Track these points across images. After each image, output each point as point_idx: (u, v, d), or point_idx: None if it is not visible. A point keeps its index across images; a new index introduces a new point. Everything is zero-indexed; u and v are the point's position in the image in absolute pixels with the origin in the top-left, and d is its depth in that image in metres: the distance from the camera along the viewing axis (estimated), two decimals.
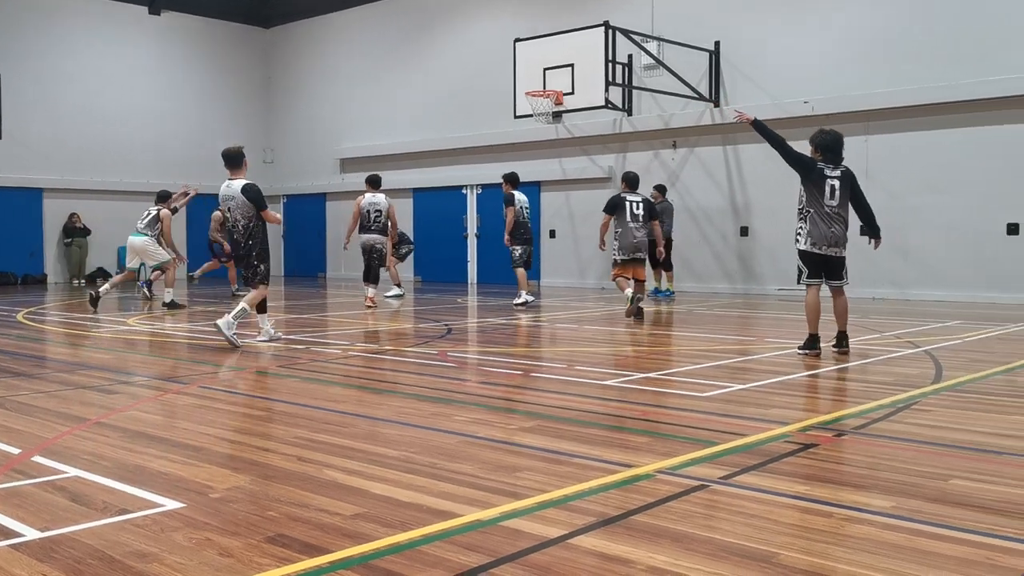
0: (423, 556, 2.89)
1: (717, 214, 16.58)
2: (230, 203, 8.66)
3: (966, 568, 2.75)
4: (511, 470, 3.94)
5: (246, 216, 8.62)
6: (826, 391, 6.35)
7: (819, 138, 7.76)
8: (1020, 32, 13.33)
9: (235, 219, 8.66)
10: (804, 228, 7.63)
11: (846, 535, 3.09)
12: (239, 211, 8.61)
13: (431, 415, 5.28)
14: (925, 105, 14.13)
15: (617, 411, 5.46)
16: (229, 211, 8.68)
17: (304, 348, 8.50)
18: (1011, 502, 3.43)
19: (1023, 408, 5.38)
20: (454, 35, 20.77)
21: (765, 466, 3.99)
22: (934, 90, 13.98)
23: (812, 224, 7.58)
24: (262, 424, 5.11)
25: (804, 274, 7.71)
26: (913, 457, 4.17)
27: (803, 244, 7.65)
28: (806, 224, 7.62)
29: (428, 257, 21.04)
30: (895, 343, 8.62)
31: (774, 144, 7.77)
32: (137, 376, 6.83)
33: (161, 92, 23.23)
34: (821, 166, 7.61)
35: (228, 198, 8.67)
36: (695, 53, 16.27)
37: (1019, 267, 13.44)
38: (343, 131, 23.17)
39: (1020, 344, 8.53)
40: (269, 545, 3.00)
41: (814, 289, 7.68)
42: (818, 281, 7.69)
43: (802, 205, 7.65)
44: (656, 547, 2.95)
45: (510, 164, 19.57)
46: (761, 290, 15.93)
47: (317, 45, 24.13)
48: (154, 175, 22.89)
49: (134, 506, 3.45)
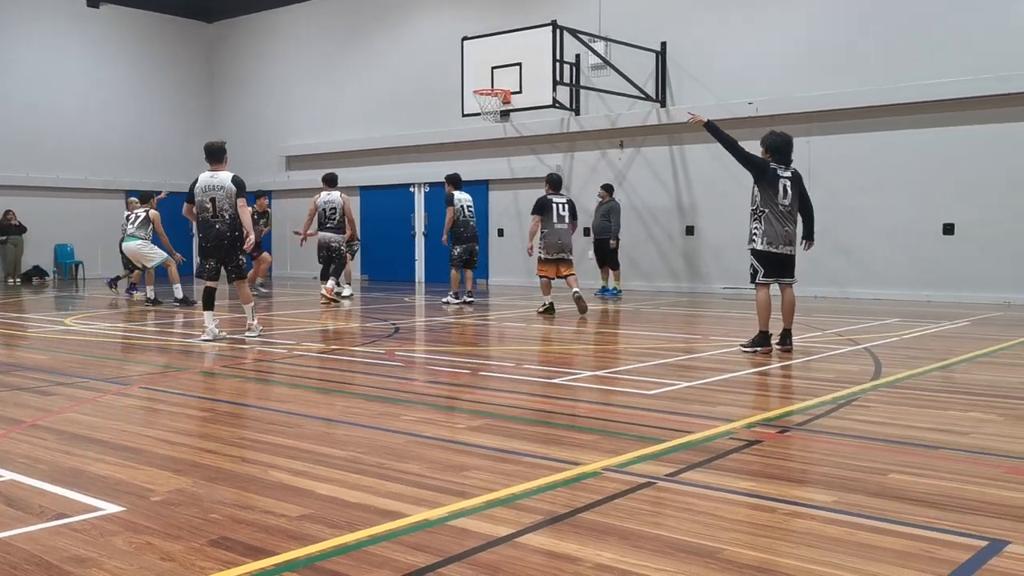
0: (370, 557, 2.87)
1: (663, 213, 16.74)
2: (216, 193, 8.60)
3: (905, 560, 2.82)
4: (459, 469, 3.93)
5: (232, 206, 8.64)
6: (770, 388, 6.44)
7: (770, 139, 7.88)
8: (957, 38, 13.70)
9: (220, 209, 8.61)
10: (759, 228, 7.69)
11: (789, 530, 3.14)
12: (227, 201, 8.61)
13: (378, 415, 5.24)
14: (865, 108, 14.45)
15: (564, 409, 5.48)
16: (212, 202, 8.60)
17: (249, 347, 8.38)
18: (947, 495, 3.52)
19: (959, 403, 5.53)
20: (402, 33, 20.65)
21: (711, 463, 4.04)
22: (874, 93, 14.30)
23: (767, 224, 7.66)
24: (205, 425, 5.02)
25: (760, 273, 7.77)
26: (854, 452, 4.25)
27: (759, 244, 7.71)
28: (761, 224, 7.69)
29: (375, 256, 20.92)
30: (837, 341, 8.79)
31: (727, 146, 7.81)
32: (75, 377, 6.67)
33: (100, 87, 22.73)
34: (774, 166, 7.74)
35: (214, 188, 8.62)
36: (642, 53, 16.41)
37: (954, 266, 13.81)
38: (289, 128, 22.90)
39: (956, 341, 8.76)
40: (212, 548, 2.95)
41: (767, 288, 7.81)
42: (772, 280, 7.78)
43: (756, 205, 7.72)
44: (603, 544, 2.97)
45: (458, 163, 19.55)
46: (706, 288, 16.13)
47: (262, 41, 23.81)
48: (91, 172, 22.39)
49: (72, 510, 3.37)
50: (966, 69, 13.54)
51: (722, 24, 15.99)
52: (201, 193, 8.68)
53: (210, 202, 8.62)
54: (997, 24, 13.37)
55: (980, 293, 13.52)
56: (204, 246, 8.81)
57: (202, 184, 8.71)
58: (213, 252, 8.76)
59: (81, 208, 22.31)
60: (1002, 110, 13.37)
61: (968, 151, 13.65)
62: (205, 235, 8.74)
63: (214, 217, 8.65)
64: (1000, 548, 2.92)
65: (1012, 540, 2.99)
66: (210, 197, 8.63)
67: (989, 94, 13.33)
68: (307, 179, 21.96)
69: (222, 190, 8.62)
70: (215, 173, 8.73)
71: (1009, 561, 2.81)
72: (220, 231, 8.67)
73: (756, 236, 7.73)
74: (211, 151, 8.88)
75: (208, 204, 8.63)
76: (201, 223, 8.75)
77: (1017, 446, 4.38)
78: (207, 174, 8.77)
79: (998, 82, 13.22)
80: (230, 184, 8.65)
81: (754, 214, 7.74)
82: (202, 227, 8.75)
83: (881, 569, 2.74)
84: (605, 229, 15.12)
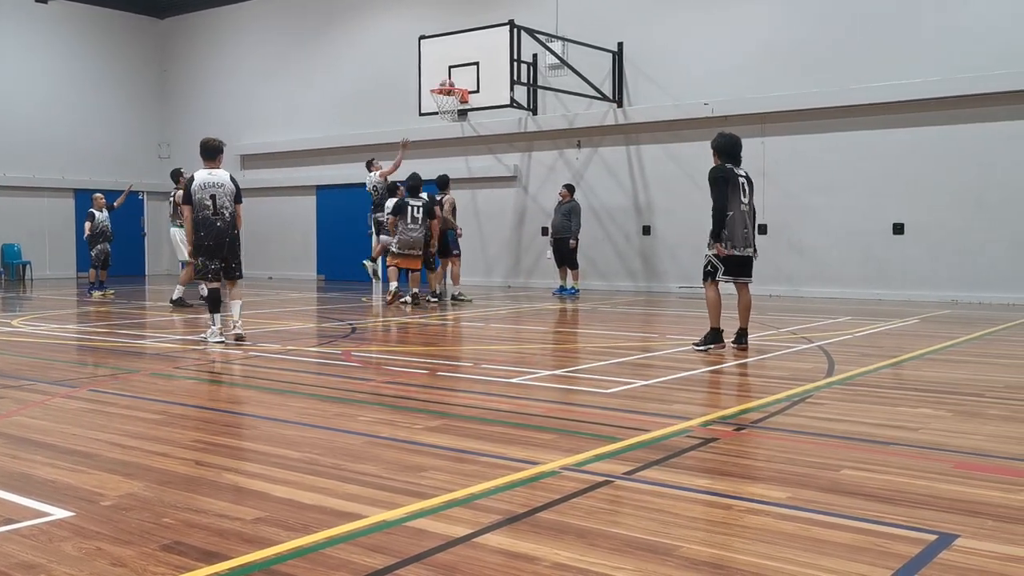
0: (327, 559, 2.84)
1: (620, 213, 16.84)
2: (216, 191, 8.46)
3: (856, 555, 2.86)
4: (416, 470, 3.92)
5: (232, 204, 8.54)
6: (726, 386, 6.51)
7: (719, 142, 7.99)
8: (907, 42, 13.96)
9: (221, 206, 8.46)
10: (724, 232, 7.73)
11: (744, 526, 3.17)
12: (227, 199, 8.51)
13: (334, 416, 5.20)
14: (819, 109, 14.67)
15: (522, 409, 5.48)
16: (212, 199, 8.43)
17: (203, 348, 8.26)
18: (898, 490, 3.58)
19: (909, 400, 5.63)
20: (358, 31, 20.52)
21: (668, 461, 4.07)
22: (827, 95, 14.53)
23: (731, 227, 7.72)
24: (157, 428, 4.93)
25: (719, 271, 7.81)
26: (807, 449, 4.31)
27: (725, 247, 7.76)
28: (724, 229, 7.73)
29: (331, 255, 20.75)
30: (791, 339, 8.91)
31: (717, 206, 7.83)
32: (22, 380, 6.52)
33: (48, 84, 22.27)
34: (730, 166, 7.83)
35: (215, 185, 8.47)
36: (599, 54, 16.48)
37: (904, 265, 14.09)
38: (244, 126, 22.61)
39: (905, 339, 8.93)
40: (164, 553, 2.90)
41: (716, 285, 7.88)
42: (729, 279, 7.87)
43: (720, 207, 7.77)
44: (561, 543, 2.97)
45: (415, 162, 19.44)
46: (662, 288, 16.26)
47: (216, 37, 23.50)
48: (39, 170, 21.94)
49: (20, 515, 3.29)
50: (916, 72, 13.81)
51: (678, 25, 16.12)
52: (200, 191, 8.46)
53: (210, 199, 8.43)
54: (946, 28, 13.66)
55: (929, 292, 13.81)
56: (206, 245, 8.51)
57: (200, 182, 8.49)
58: (216, 251, 8.53)
59: (29, 207, 21.86)
60: (951, 112, 13.65)
61: (918, 152, 13.93)
62: (206, 233, 8.47)
63: (215, 215, 8.46)
64: (949, 542, 2.98)
65: (961, 534, 3.05)
66: (210, 194, 8.44)
67: (938, 96, 13.61)
68: (263, 178, 21.75)
69: (222, 187, 8.48)
70: (213, 171, 8.57)
71: (958, 555, 2.87)
72: (221, 228, 8.48)
73: (720, 241, 7.77)
74: (209, 148, 8.72)
75: (208, 201, 8.43)
76: (201, 221, 8.47)
77: (965, 441, 4.48)
78: (204, 172, 8.58)
79: (947, 85, 13.51)
80: (229, 183, 8.56)
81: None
82: (202, 225, 8.47)
83: (833, 563, 2.78)
84: (565, 228, 15.16)
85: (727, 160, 7.86)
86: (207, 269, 8.59)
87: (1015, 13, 13.14)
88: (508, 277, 18.15)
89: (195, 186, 8.51)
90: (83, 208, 21.72)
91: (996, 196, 13.31)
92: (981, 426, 4.83)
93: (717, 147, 7.93)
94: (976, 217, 13.49)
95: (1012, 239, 13.20)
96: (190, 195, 8.50)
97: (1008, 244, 13.24)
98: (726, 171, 7.81)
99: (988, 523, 3.18)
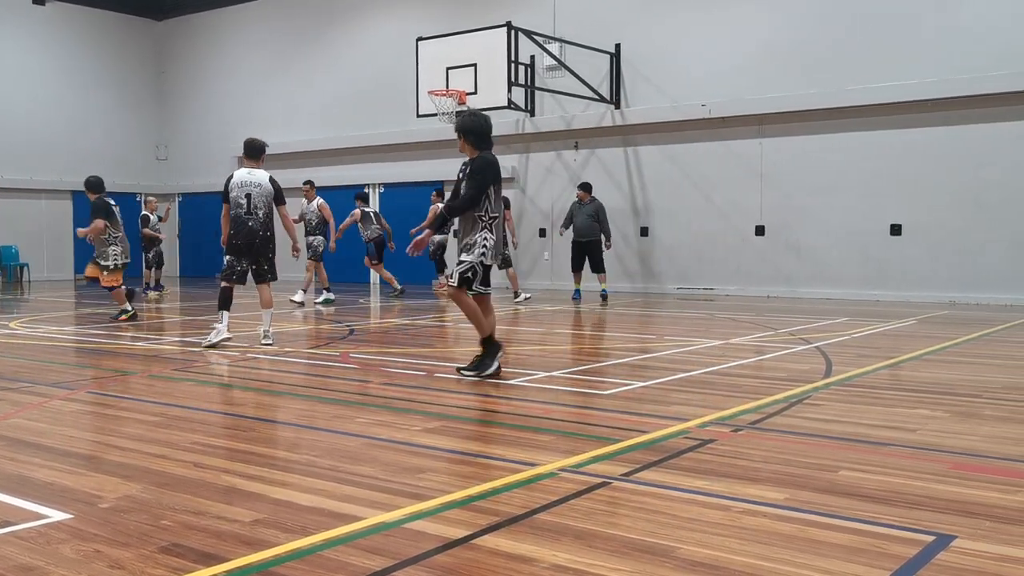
0: (325, 561, 2.84)
1: (618, 215, 16.83)
2: (254, 190, 8.40)
3: (854, 556, 2.86)
4: (414, 471, 3.92)
5: (267, 205, 8.48)
6: (723, 387, 6.51)
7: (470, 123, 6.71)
8: (906, 43, 13.98)
9: (255, 206, 8.40)
10: (491, 239, 6.59)
11: (742, 527, 3.17)
12: (262, 199, 8.44)
13: (333, 417, 5.20)
14: (816, 110, 14.69)
15: (520, 410, 5.48)
16: (248, 198, 8.37)
17: (201, 350, 8.26)
18: (895, 491, 3.59)
19: (906, 401, 5.64)
20: (356, 32, 20.52)
21: (665, 462, 4.07)
22: (824, 96, 14.55)
23: (496, 232, 6.64)
24: (156, 430, 4.93)
25: (476, 281, 6.61)
26: (805, 450, 4.32)
27: (488, 258, 6.61)
28: (492, 234, 6.61)
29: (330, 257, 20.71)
30: (789, 340, 8.92)
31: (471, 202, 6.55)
32: (20, 382, 6.51)
33: (46, 85, 22.27)
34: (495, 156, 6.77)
35: (252, 184, 8.41)
36: (596, 55, 16.49)
37: (902, 266, 14.10)
38: (241, 127, 22.52)
39: (903, 340, 8.94)
40: (163, 555, 2.90)
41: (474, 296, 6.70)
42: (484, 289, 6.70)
43: (484, 212, 6.57)
44: (559, 545, 2.98)
45: (413, 164, 19.50)
46: (660, 289, 16.26)
47: (214, 39, 23.50)
48: (37, 171, 21.93)
49: (17, 518, 3.29)
50: (914, 73, 13.83)
51: (676, 26, 16.14)
52: (236, 189, 8.39)
53: (245, 198, 8.38)
54: (945, 28, 13.68)
55: (927, 293, 13.82)
56: (234, 244, 8.43)
57: (238, 180, 8.43)
58: (245, 251, 8.45)
59: (27, 209, 21.86)
60: (948, 113, 13.68)
61: (916, 153, 13.95)
62: (236, 232, 8.39)
63: (248, 214, 8.39)
64: (947, 543, 2.98)
65: (958, 535, 3.06)
66: (245, 193, 8.38)
67: (936, 97, 13.63)
68: None
69: (259, 187, 8.43)
70: (252, 170, 8.52)
71: (956, 555, 2.87)
72: (253, 228, 8.42)
73: (488, 248, 6.58)
74: (252, 148, 8.64)
75: (243, 200, 8.38)
76: (233, 220, 8.40)
77: (963, 442, 4.49)
78: (244, 171, 8.52)
79: (945, 85, 13.53)
80: (268, 184, 8.48)
81: (481, 221, 6.56)
82: (234, 224, 8.40)
83: (830, 565, 2.79)
84: (593, 231, 14.18)
85: (483, 144, 6.69)
86: (233, 270, 8.51)
87: (1013, 14, 13.16)
88: (505, 279, 18.14)
89: (232, 183, 8.46)
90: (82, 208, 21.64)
91: (994, 197, 13.33)
92: (978, 427, 4.84)
93: (469, 129, 6.65)
94: (974, 218, 13.51)
95: (1010, 240, 13.22)
96: (227, 193, 8.46)
97: (1006, 245, 13.26)
98: (495, 162, 6.68)
99: (985, 524, 3.18)
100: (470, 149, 6.69)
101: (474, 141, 6.67)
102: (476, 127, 6.67)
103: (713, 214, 15.45)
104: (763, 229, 15.10)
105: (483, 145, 6.69)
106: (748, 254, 15.24)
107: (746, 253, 15.25)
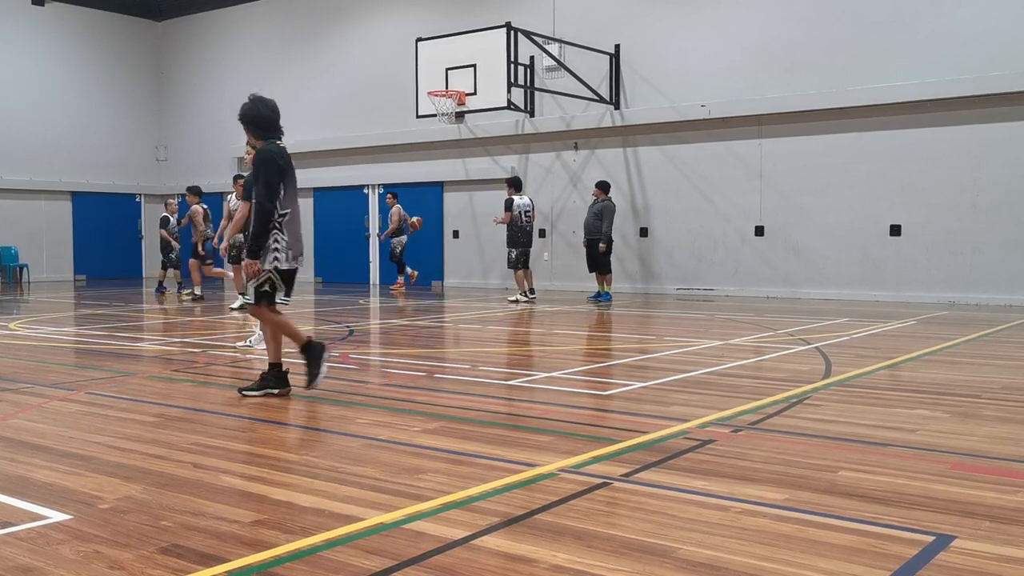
0: (325, 562, 2.84)
1: (618, 215, 16.79)
2: None
3: (854, 556, 2.87)
4: (414, 472, 3.92)
5: None
6: (723, 388, 6.51)
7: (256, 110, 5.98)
8: (904, 43, 13.99)
9: None
10: (283, 240, 5.79)
11: (742, 528, 3.18)
12: None
13: (332, 418, 5.20)
14: (815, 111, 14.69)
15: (520, 411, 5.48)
16: None
17: (200, 351, 8.25)
18: (895, 492, 3.59)
19: (906, 401, 5.64)
20: (356, 33, 20.52)
21: (665, 463, 4.07)
22: (823, 96, 14.55)
23: (292, 229, 5.84)
24: (155, 431, 4.93)
25: (280, 292, 5.88)
26: (804, 450, 4.32)
27: (284, 262, 5.82)
28: (284, 233, 5.80)
29: (329, 258, 20.75)
30: (788, 340, 8.92)
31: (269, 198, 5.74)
32: (20, 383, 6.51)
33: (45, 86, 22.26)
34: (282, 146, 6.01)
35: None
36: (596, 56, 16.49)
37: (901, 266, 14.11)
38: (240, 129, 22.50)
39: (902, 340, 8.94)
40: (162, 556, 2.90)
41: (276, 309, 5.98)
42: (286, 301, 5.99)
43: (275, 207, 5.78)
44: (559, 545, 2.98)
45: (413, 164, 19.50)
46: (660, 289, 16.26)
47: (213, 40, 23.49)
48: (36, 172, 21.92)
49: (17, 519, 3.29)
50: (912, 73, 13.83)
51: (675, 27, 16.14)
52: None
53: None
54: (941, 29, 13.68)
55: (926, 293, 13.82)
56: None
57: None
58: None
59: (26, 209, 21.85)
60: (947, 113, 13.68)
61: (914, 153, 13.95)
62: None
63: None
64: (947, 543, 2.98)
65: (958, 535, 3.06)
66: None
67: (934, 98, 13.63)
68: None
69: None
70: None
71: (955, 556, 2.87)
72: None
73: (280, 250, 5.78)
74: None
75: None
76: None
77: (962, 442, 4.49)
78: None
79: (943, 86, 13.53)
80: None
81: (277, 221, 5.78)
82: None
83: (830, 565, 2.79)
84: (596, 230, 14.19)
85: (270, 133, 5.95)
86: None
87: (1012, 14, 13.16)
88: (505, 279, 18.13)
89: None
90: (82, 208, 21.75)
91: (992, 197, 13.33)
92: (978, 427, 4.84)
93: (253, 116, 5.93)
94: (972, 218, 13.51)
95: (1009, 240, 13.22)
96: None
97: (1005, 245, 13.26)
98: (280, 152, 5.89)
99: (985, 524, 3.18)
100: (254, 140, 5.97)
101: (254, 131, 5.94)
102: (255, 114, 5.90)
103: (712, 214, 15.46)
104: (762, 230, 15.10)
105: (268, 135, 5.91)
106: (747, 255, 15.24)
107: (745, 254, 15.25)
